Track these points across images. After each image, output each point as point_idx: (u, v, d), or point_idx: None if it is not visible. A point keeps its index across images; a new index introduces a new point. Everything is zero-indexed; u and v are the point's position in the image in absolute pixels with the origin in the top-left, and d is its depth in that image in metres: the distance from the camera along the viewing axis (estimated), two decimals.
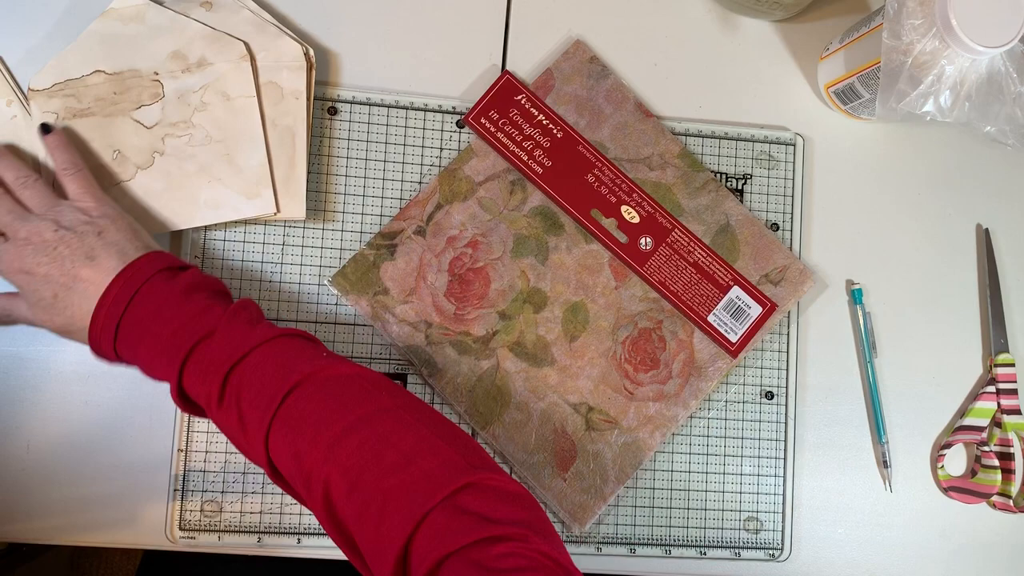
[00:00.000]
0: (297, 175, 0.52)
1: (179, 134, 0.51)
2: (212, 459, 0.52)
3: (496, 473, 0.40)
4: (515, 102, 0.56)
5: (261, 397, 0.41)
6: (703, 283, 0.56)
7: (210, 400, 0.42)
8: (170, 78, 0.51)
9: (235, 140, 0.52)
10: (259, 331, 0.44)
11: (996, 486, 0.58)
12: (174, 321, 0.43)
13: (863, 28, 0.53)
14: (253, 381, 0.42)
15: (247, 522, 0.52)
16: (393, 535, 0.37)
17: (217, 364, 0.42)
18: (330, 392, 0.42)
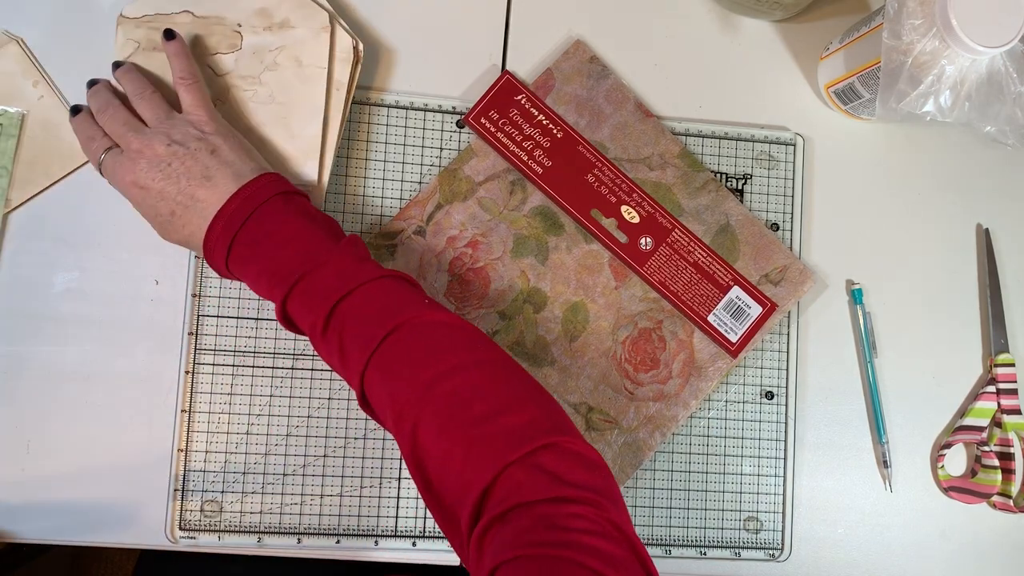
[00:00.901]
0: (325, 164, 0.53)
1: (245, 88, 0.52)
2: (212, 459, 0.52)
3: (577, 439, 0.41)
4: (515, 102, 0.56)
5: (362, 335, 0.43)
6: (703, 283, 0.56)
7: (315, 328, 0.44)
8: (251, 32, 0.52)
9: (296, 106, 0.52)
10: (367, 269, 0.45)
11: (996, 486, 0.58)
12: (288, 247, 0.45)
13: (863, 28, 0.53)
14: (357, 317, 0.43)
15: (247, 522, 0.52)
16: (473, 481, 0.39)
17: (325, 295, 0.44)
18: (428, 337, 0.43)
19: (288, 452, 0.53)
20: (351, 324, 0.43)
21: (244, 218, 0.45)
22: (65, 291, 0.53)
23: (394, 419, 0.42)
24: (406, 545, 0.54)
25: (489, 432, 0.40)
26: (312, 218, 0.46)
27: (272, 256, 0.45)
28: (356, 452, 0.54)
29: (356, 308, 0.43)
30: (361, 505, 0.53)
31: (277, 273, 0.44)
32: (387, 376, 0.42)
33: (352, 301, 0.43)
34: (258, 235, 0.45)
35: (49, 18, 0.54)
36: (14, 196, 0.53)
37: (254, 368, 0.53)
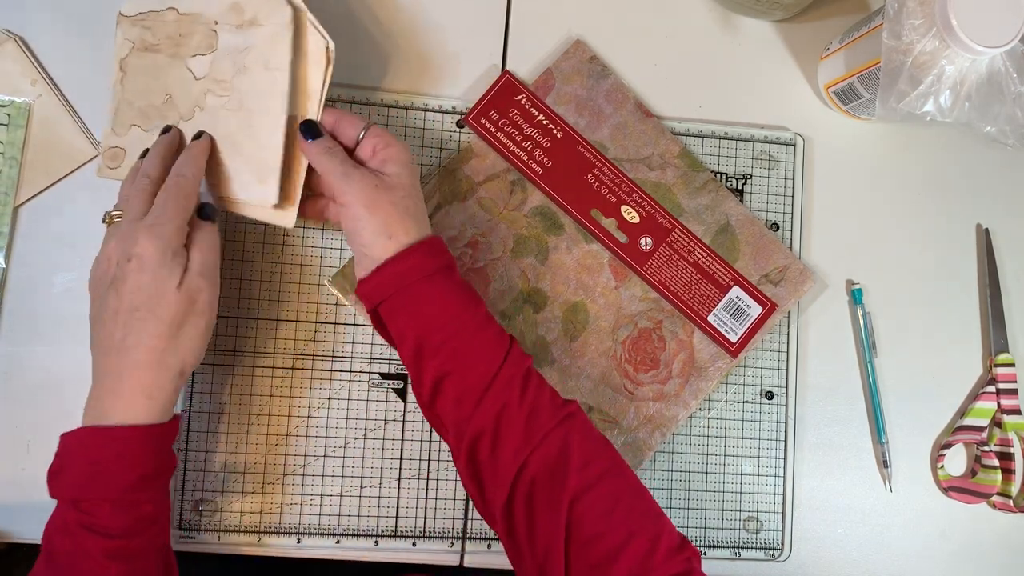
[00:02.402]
0: (294, 179, 0.49)
1: (220, 93, 0.49)
2: (212, 459, 0.52)
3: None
4: (515, 102, 0.56)
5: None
6: (703, 283, 0.56)
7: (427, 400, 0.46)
8: (226, 31, 0.49)
9: (261, 114, 0.48)
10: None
11: (996, 486, 0.58)
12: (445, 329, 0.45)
13: (863, 28, 0.53)
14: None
15: (247, 522, 0.52)
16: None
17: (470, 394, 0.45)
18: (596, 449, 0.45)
19: (288, 452, 0.53)
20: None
21: (413, 281, 0.45)
22: (65, 291, 0.53)
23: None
24: (406, 545, 0.54)
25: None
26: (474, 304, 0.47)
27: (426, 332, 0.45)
28: (356, 452, 0.54)
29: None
30: (361, 505, 0.53)
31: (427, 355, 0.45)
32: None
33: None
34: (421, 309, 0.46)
35: (48, 17, 0.54)
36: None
37: (254, 368, 0.53)
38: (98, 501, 0.42)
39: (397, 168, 0.47)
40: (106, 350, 0.44)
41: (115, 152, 0.51)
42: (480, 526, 0.54)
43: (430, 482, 0.54)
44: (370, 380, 0.54)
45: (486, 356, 0.45)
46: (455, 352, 0.44)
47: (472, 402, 0.44)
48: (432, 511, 0.54)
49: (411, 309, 0.45)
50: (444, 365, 0.44)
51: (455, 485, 0.54)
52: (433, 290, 0.45)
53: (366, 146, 0.48)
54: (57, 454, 0.44)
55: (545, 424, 0.44)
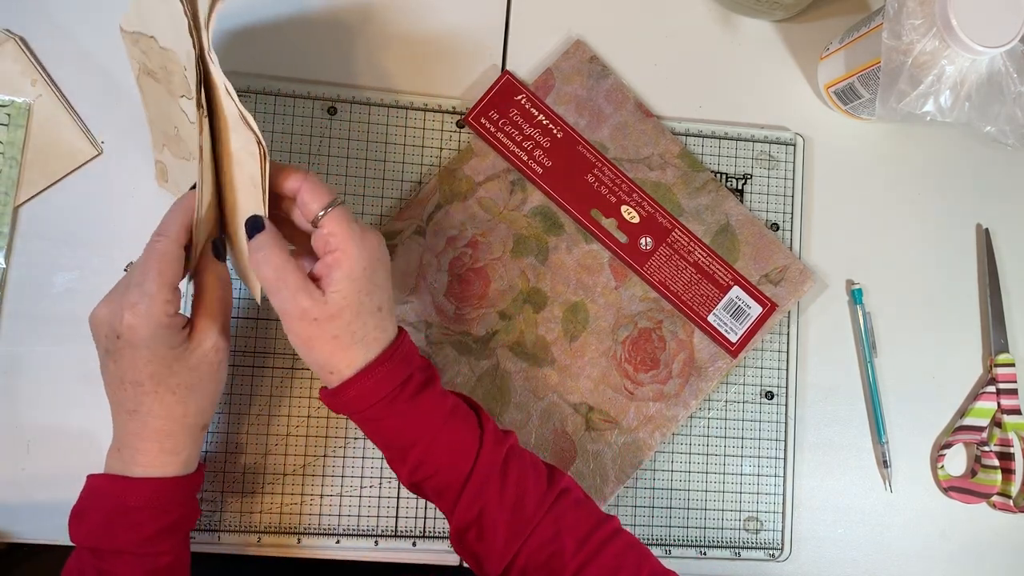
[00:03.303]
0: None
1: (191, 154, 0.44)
2: (212, 459, 0.52)
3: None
4: (515, 102, 0.56)
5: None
6: (703, 283, 0.56)
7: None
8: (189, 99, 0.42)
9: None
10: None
11: (996, 486, 0.58)
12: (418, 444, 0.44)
13: (863, 28, 0.53)
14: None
15: (247, 522, 0.52)
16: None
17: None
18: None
19: (288, 452, 0.53)
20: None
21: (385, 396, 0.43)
22: (65, 291, 0.53)
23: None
24: (406, 545, 0.54)
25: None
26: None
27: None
28: (356, 452, 0.54)
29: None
30: (361, 505, 0.53)
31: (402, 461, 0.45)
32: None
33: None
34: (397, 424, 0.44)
35: (48, 17, 0.54)
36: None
37: (254, 368, 0.53)
38: (116, 552, 0.41)
39: (341, 284, 0.40)
40: (120, 410, 0.42)
41: (161, 167, 0.50)
42: None
43: None
44: None
45: (456, 457, 0.43)
46: (423, 460, 0.43)
47: (452, 499, 0.43)
48: (432, 511, 0.54)
49: (371, 427, 0.44)
50: (415, 473, 0.44)
51: None
52: (389, 410, 0.43)
53: (319, 238, 0.42)
54: (81, 496, 0.43)
55: (532, 515, 0.43)
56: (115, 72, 0.54)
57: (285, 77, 0.55)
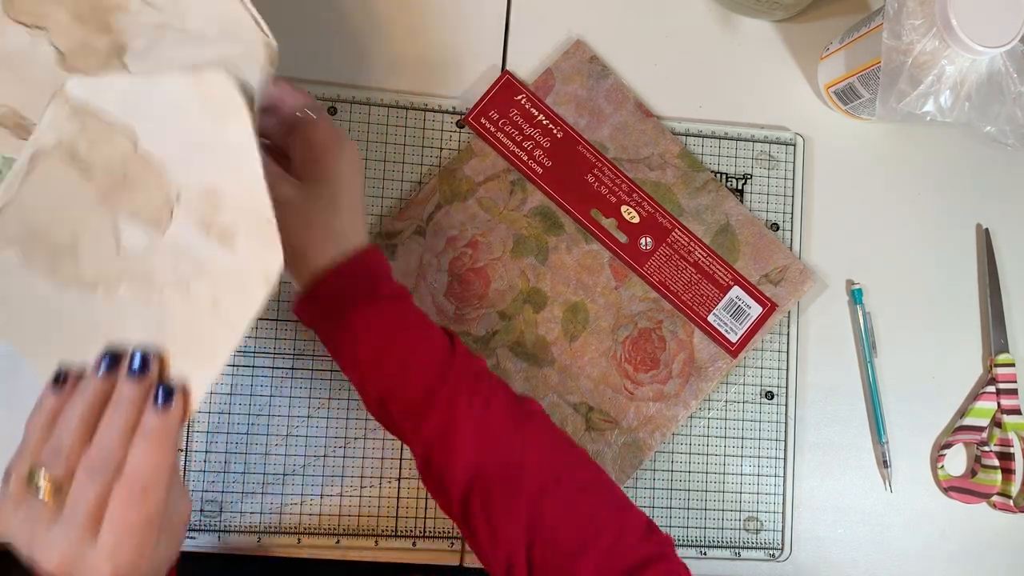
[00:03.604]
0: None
1: (139, 292, 0.34)
2: (212, 459, 0.52)
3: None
4: (515, 102, 0.56)
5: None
6: (703, 283, 0.56)
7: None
8: (186, 218, 0.34)
9: (179, 362, 0.34)
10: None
11: (996, 486, 0.58)
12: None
13: (863, 28, 0.53)
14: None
15: (247, 522, 0.52)
16: None
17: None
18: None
19: (288, 452, 0.53)
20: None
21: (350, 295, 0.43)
22: None
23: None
24: (406, 545, 0.54)
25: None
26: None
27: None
28: (356, 452, 0.54)
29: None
30: (361, 505, 0.53)
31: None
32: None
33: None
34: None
35: None
36: None
37: (254, 368, 0.53)
38: None
39: (326, 175, 0.43)
40: None
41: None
42: None
43: None
44: None
45: (424, 371, 0.42)
46: (394, 372, 0.42)
47: (417, 417, 0.42)
48: (432, 511, 0.54)
49: (341, 337, 0.43)
50: (383, 387, 0.43)
51: None
52: (363, 311, 0.42)
53: (300, 137, 0.44)
54: None
55: (499, 432, 0.43)
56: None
57: (285, 77, 0.55)
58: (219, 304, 0.33)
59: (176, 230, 0.34)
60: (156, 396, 0.33)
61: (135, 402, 0.33)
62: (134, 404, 0.33)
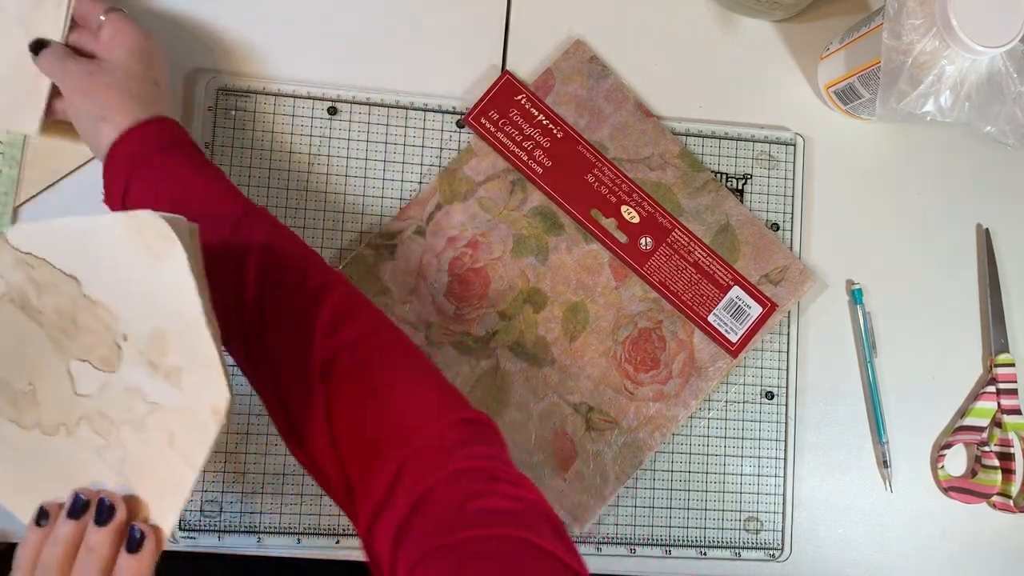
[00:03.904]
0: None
1: (99, 431, 0.35)
2: (212, 459, 0.52)
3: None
4: (515, 102, 0.56)
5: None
6: (703, 283, 0.56)
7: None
8: (134, 359, 0.35)
9: (146, 494, 0.36)
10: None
11: (996, 486, 0.58)
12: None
13: (863, 28, 0.53)
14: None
15: (247, 522, 0.52)
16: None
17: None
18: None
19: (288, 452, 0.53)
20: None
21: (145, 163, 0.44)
22: None
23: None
24: None
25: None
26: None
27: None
28: None
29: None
30: None
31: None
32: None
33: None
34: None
35: None
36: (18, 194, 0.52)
37: None
38: None
39: (121, 52, 0.46)
40: None
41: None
42: None
43: None
44: None
45: (226, 203, 0.43)
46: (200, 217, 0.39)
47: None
48: None
49: (144, 187, 0.43)
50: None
51: None
52: (162, 168, 0.43)
53: (103, 35, 0.47)
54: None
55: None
56: None
57: (285, 77, 0.55)
58: (175, 440, 0.35)
59: (126, 371, 0.35)
60: (128, 542, 0.34)
61: (103, 548, 0.34)
62: (102, 550, 0.34)
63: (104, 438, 0.35)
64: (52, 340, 0.36)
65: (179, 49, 0.55)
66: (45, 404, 0.36)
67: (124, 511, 0.35)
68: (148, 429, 0.35)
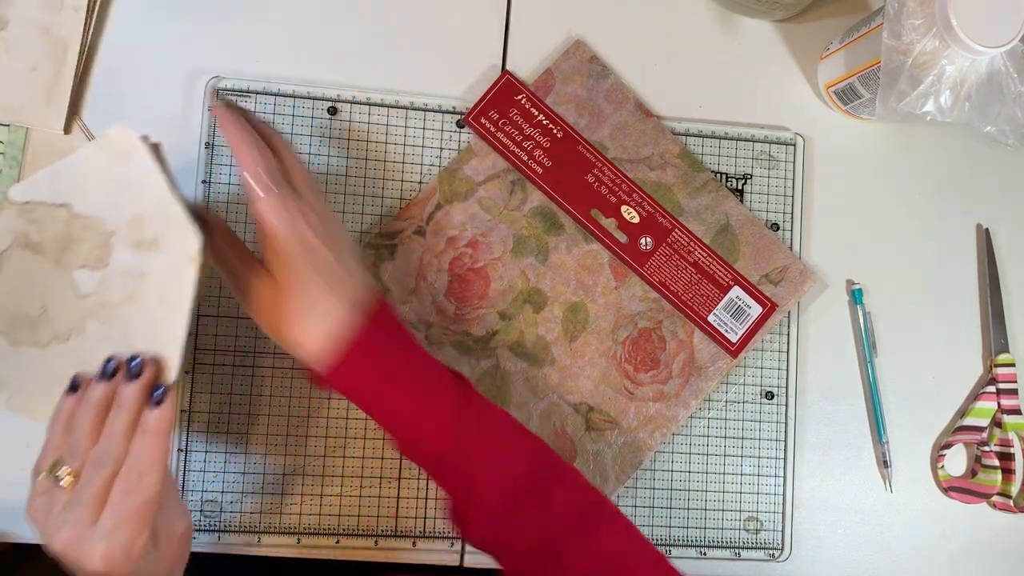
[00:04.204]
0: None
1: (104, 320, 0.42)
2: (212, 459, 0.52)
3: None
4: (515, 102, 0.56)
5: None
6: (703, 283, 0.56)
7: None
8: (121, 247, 0.42)
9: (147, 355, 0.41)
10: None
11: (996, 486, 0.58)
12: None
13: (863, 28, 0.53)
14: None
15: (247, 522, 0.52)
16: None
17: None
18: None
19: (288, 452, 0.53)
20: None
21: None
22: None
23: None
24: (406, 545, 0.54)
25: None
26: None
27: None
28: (356, 452, 0.54)
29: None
30: (361, 505, 0.53)
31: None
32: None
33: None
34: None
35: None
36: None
37: (254, 368, 0.53)
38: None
39: (272, 262, 0.41)
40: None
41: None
42: None
43: (430, 482, 0.54)
44: None
45: (431, 425, 0.42)
46: (417, 439, 0.42)
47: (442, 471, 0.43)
48: (432, 511, 0.54)
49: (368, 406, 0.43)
50: (415, 451, 0.43)
51: None
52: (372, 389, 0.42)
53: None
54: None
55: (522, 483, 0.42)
56: (115, 72, 0.54)
57: (285, 77, 0.55)
58: (163, 297, 0.41)
59: (117, 259, 0.42)
60: (152, 397, 0.39)
61: (134, 402, 0.39)
62: (133, 404, 0.39)
63: (107, 324, 0.42)
64: (54, 262, 0.43)
65: (179, 49, 0.55)
66: (56, 319, 0.42)
67: (152, 369, 0.40)
68: (139, 298, 0.41)
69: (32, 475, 0.40)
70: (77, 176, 0.43)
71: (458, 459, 0.42)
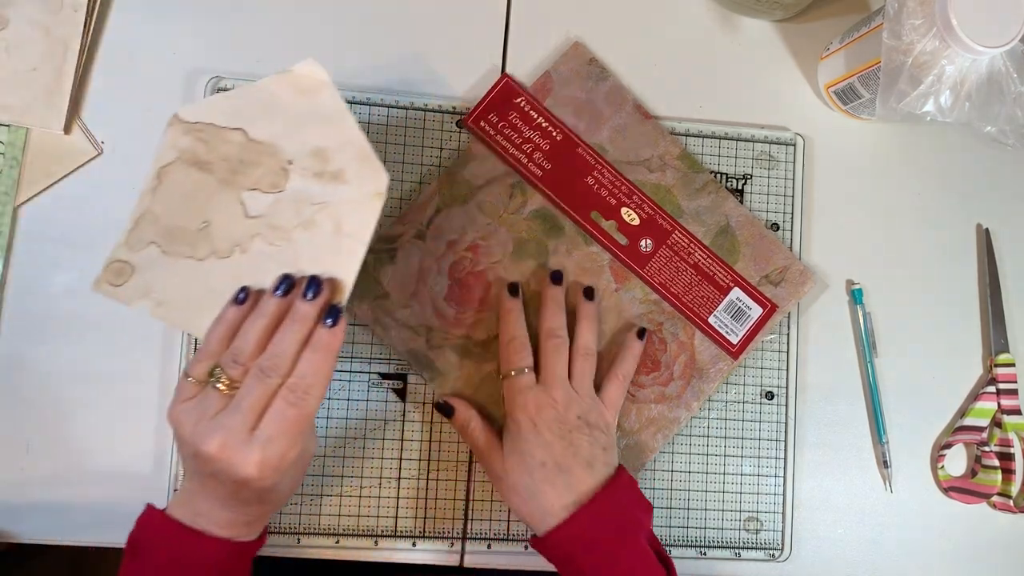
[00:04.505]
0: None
1: (273, 242, 0.44)
2: None
3: None
4: (514, 105, 0.56)
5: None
6: (703, 285, 0.56)
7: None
8: (300, 174, 0.44)
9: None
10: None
11: (996, 486, 0.58)
12: None
13: (863, 28, 0.53)
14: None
15: None
16: None
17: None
18: None
19: None
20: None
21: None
22: (65, 291, 0.53)
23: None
24: (406, 545, 0.54)
25: None
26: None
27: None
28: (356, 452, 0.54)
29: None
30: (361, 505, 0.54)
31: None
32: None
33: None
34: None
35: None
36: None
37: None
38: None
39: (506, 447, 0.49)
40: (206, 490, 0.41)
41: (121, 268, 0.45)
42: (480, 526, 0.54)
43: (430, 482, 0.54)
44: (370, 380, 0.54)
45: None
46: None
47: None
48: (432, 511, 0.54)
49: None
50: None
51: (455, 485, 0.54)
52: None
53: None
54: (138, 525, 0.42)
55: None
56: (115, 72, 0.54)
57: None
58: (341, 226, 0.43)
59: (293, 185, 0.44)
60: (327, 316, 0.40)
61: (309, 319, 0.40)
62: (308, 321, 0.40)
63: (277, 244, 0.43)
64: (221, 181, 0.44)
65: (179, 49, 0.55)
66: (218, 235, 0.44)
67: (330, 289, 0.41)
68: (316, 224, 0.43)
69: (180, 379, 0.41)
70: (256, 104, 0.44)
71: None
